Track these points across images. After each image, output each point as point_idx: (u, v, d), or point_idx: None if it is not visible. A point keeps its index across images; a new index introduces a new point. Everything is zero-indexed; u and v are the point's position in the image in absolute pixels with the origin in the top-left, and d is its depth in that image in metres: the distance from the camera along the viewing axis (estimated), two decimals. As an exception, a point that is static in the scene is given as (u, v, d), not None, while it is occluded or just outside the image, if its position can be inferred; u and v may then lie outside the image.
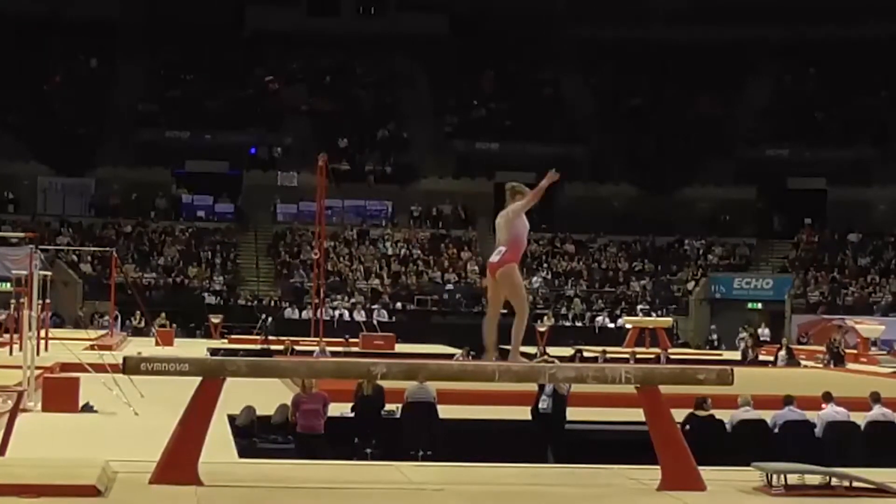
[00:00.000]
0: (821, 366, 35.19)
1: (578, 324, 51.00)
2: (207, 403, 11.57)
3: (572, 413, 18.38)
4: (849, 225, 57.35)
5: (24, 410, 16.04)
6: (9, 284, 30.19)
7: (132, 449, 13.82)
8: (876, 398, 18.37)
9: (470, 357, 30.37)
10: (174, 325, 44.56)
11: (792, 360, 36.00)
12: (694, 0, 60.23)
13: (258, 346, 36.47)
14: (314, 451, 16.12)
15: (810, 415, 18.20)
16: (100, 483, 10.74)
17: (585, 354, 33.22)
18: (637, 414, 12.69)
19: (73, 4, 59.75)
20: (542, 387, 17.70)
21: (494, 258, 11.87)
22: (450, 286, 52.71)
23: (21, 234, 37.10)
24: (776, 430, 17.85)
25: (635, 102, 61.54)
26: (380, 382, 17.77)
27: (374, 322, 45.90)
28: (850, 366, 34.95)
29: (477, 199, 57.42)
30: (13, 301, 28.69)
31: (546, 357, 21.91)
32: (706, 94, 61.12)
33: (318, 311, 39.89)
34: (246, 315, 48.61)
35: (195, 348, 34.89)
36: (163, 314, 44.39)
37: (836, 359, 35.66)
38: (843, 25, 59.11)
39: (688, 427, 16.23)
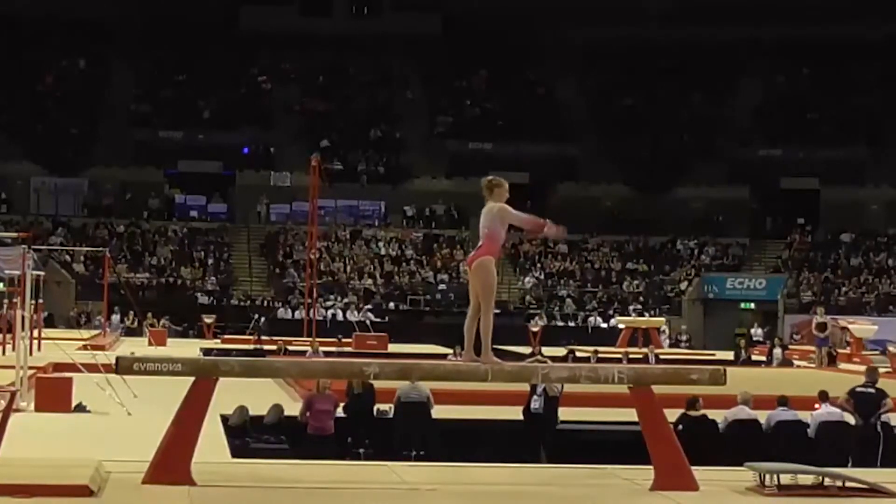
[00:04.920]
0: (813, 366, 35.19)
1: (571, 324, 51.00)
2: (200, 403, 11.58)
3: (565, 413, 18.40)
4: (842, 225, 57.40)
5: (17, 410, 16.00)
6: (2, 284, 30.12)
7: (125, 449, 13.81)
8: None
9: (461, 356, 30.43)
10: (164, 325, 44.58)
11: (784, 360, 36.05)
12: (686, 0, 60.24)
13: (251, 347, 36.45)
14: (324, 453, 16.12)
15: (803, 415, 18.21)
16: (92, 483, 10.74)
17: (577, 354, 33.22)
18: (630, 414, 12.70)
19: (67, 4, 59.66)
20: (534, 387, 17.71)
21: (473, 252, 11.80)
22: (442, 286, 52.71)
23: (14, 234, 36.96)
24: (769, 430, 17.87)
25: (628, 102, 61.57)
26: (373, 382, 17.77)
27: (367, 322, 45.90)
28: (843, 366, 34.93)
29: (470, 199, 57.04)
30: (6, 301, 28.66)
31: (539, 357, 21.94)
32: (699, 94, 61.19)
33: (311, 311, 39.90)
34: (239, 315, 48.58)
35: (188, 348, 34.86)
36: (149, 314, 44.12)
37: (829, 359, 35.65)
38: (836, 25, 59.12)
39: (680, 427, 16.25)
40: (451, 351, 32.26)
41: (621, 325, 45.76)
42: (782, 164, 58.85)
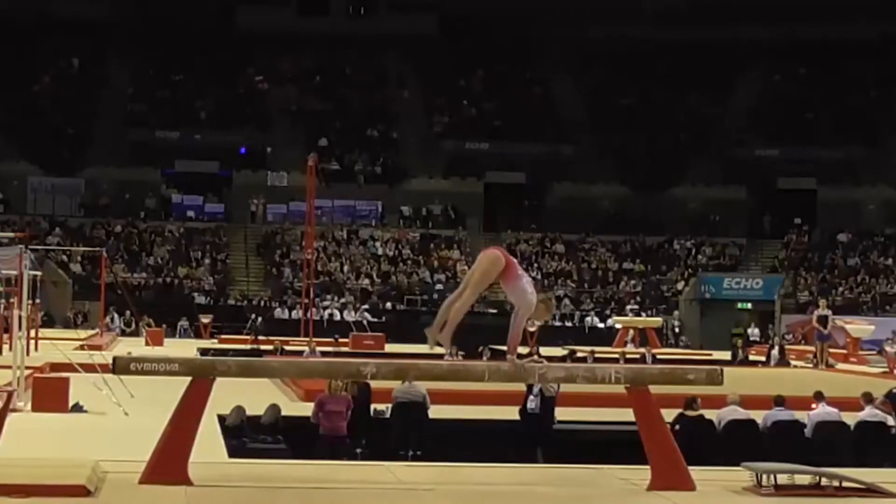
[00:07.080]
0: (811, 366, 35.19)
1: (568, 324, 50.99)
2: (197, 403, 11.57)
3: (562, 413, 18.37)
4: (839, 225, 57.41)
5: (14, 410, 16.01)
6: (-1, 284, 30.13)
7: (122, 449, 13.81)
8: (869, 399, 18.39)
9: (459, 356, 30.41)
10: (180, 327, 44.66)
11: (782, 360, 36.05)
12: (683, 0, 60.24)
13: (248, 346, 36.43)
14: (336, 454, 16.10)
15: (800, 415, 18.22)
16: (89, 483, 10.74)
17: (578, 355, 33.21)
18: (627, 414, 12.70)
19: (63, 4, 59.65)
20: (530, 387, 17.69)
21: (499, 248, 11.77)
22: (439, 286, 52.63)
23: (11, 234, 36.95)
24: (766, 431, 17.87)
25: (625, 102, 61.57)
26: (369, 382, 17.74)
27: (364, 322, 45.88)
28: (840, 366, 34.94)
29: (466, 199, 57.43)
30: (3, 301, 28.64)
31: (535, 357, 21.92)
32: (696, 94, 61.19)
33: (308, 311, 39.89)
34: (236, 315, 48.58)
35: (185, 348, 34.86)
36: (145, 316, 43.97)
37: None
38: (833, 25, 59.15)
39: (677, 427, 16.24)
40: (447, 351, 32.23)
41: (618, 325, 45.76)
42: (779, 164, 58.86)
